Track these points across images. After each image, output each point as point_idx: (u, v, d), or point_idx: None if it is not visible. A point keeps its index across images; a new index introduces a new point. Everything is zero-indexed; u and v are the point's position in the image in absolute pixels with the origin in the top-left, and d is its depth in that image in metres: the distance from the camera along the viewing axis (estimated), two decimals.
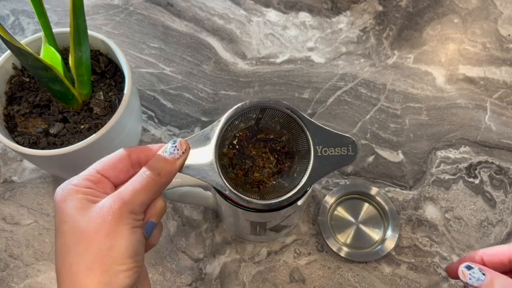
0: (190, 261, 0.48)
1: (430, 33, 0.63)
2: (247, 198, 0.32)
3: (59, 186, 0.29)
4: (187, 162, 0.31)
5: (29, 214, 0.50)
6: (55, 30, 0.44)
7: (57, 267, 0.27)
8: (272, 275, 0.47)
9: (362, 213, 0.50)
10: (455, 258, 0.48)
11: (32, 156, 0.41)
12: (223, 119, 0.33)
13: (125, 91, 0.44)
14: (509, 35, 0.62)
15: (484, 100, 0.58)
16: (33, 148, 0.42)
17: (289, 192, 0.32)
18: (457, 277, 0.30)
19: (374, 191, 0.50)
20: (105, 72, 0.48)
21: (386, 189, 0.51)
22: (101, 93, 0.46)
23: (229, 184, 0.32)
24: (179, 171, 0.31)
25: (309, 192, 0.39)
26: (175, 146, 0.31)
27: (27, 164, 0.53)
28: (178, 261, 0.48)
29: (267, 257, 0.48)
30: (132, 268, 0.27)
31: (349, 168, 0.53)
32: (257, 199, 0.33)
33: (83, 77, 0.44)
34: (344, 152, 0.33)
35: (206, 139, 0.32)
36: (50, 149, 0.42)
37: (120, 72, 0.48)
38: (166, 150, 0.31)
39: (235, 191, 0.32)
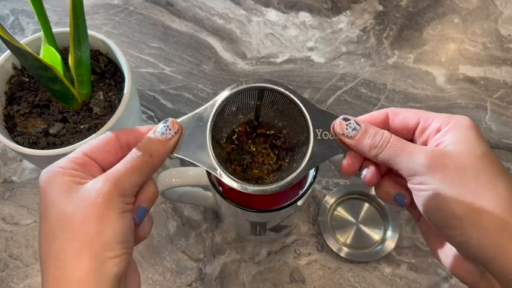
0: (190, 262, 0.48)
1: (430, 33, 0.63)
2: (241, 182, 0.30)
3: (44, 170, 0.27)
4: (179, 143, 0.30)
5: (29, 214, 0.50)
6: (55, 30, 0.44)
7: (42, 255, 0.25)
8: (272, 275, 0.47)
9: (362, 213, 0.50)
10: None
11: (32, 156, 0.41)
12: (218, 99, 0.31)
13: (125, 91, 0.44)
14: (509, 35, 0.62)
15: (484, 100, 0.58)
16: (32, 148, 0.42)
17: (288, 177, 0.30)
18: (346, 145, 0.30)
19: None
20: (105, 72, 0.48)
21: None
22: (101, 93, 0.46)
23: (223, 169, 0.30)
24: (171, 153, 0.30)
25: (309, 192, 0.39)
26: (167, 126, 0.29)
27: (26, 164, 0.53)
28: (178, 261, 0.48)
29: (267, 257, 0.48)
30: (121, 255, 0.26)
31: None
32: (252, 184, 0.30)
33: (82, 76, 0.43)
34: None
35: (200, 120, 0.31)
36: (50, 149, 0.42)
37: (120, 72, 0.48)
38: (157, 130, 0.29)
39: (228, 174, 0.30)
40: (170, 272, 0.47)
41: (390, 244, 0.48)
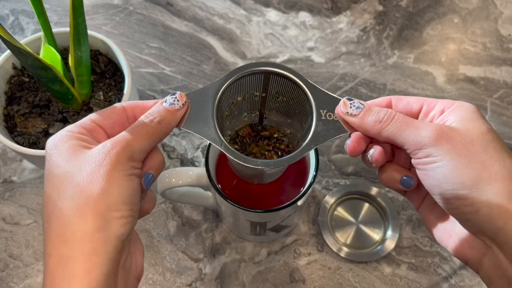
0: (190, 262, 0.48)
1: (430, 33, 0.63)
2: (245, 156, 0.30)
3: (51, 137, 0.27)
4: (186, 117, 0.30)
5: (29, 214, 0.50)
6: (55, 30, 0.44)
7: (45, 214, 0.25)
8: (272, 275, 0.47)
9: (362, 213, 0.50)
10: (455, 258, 0.48)
11: (32, 156, 0.41)
12: (226, 77, 0.31)
13: (125, 91, 0.44)
14: (509, 35, 0.62)
15: (484, 100, 0.58)
16: (32, 148, 0.42)
17: (291, 154, 0.30)
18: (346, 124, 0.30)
19: (374, 191, 0.50)
20: (105, 72, 0.48)
21: (386, 189, 0.51)
22: (101, 93, 0.46)
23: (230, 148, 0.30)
24: (177, 126, 0.30)
25: (309, 192, 0.39)
26: (175, 97, 0.30)
27: (26, 164, 0.53)
28: (178, 261, 0.48)
29: (267, 257, 0.48)
30: (127, 216, 0.25)
31: (350, 168, 0.53)
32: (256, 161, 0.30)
33: (82, 76, 0.43)
34: None
35: (206, 95, 0.31)
36: None
37: (120, 72, 0.48)
38: (166, 101, 0.29)
39: (232, 148, 0.30)
40: (170, 272, 0.47)
41: (390, 244, 0.48)
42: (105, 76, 0.48)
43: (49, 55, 0.42)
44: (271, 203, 0.40)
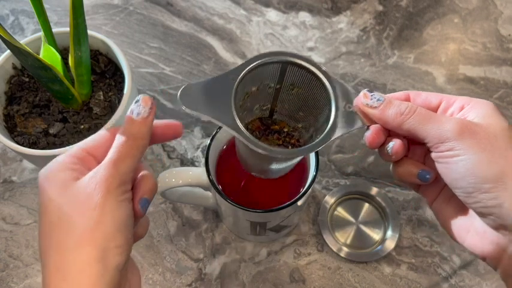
0: (190, 262, 0.48)
1: (430, 33, 0.63)
2: (263, 144, 0.28)
3: (43, 167, 0.27)
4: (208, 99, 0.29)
5: (29, 214, 0.50)
6: (55, 30, 0.44)
7: (42, 249, 0.25)
8: (272, 275, 0.47)
9: (362, 213, 0.50)
10: (455, 258, 0.48)
11: (32, 156, 0.41)
12: (244, 64, 0.30)
13: (125, 91, 0.44)
14: (509, 35, 0.62)
15: None
16: (32, 148, 0.42)
17: (311, 143, 0.30)
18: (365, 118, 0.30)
19: (374, 191, 0.50)
20: (105, 72, 0.48)
21: (386, 189, 0.51)
22: (101, 93, 0.46)
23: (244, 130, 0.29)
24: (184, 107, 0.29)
25: (309, 192, 0.39)
26: (140, 104, 0.29)
27: (26, 164, 0.53)
28: (178, 261, 0.48)
29: (267, 257, 0.48)
30: (123, 245, 0.26)
31: (349, 168, 0.53)
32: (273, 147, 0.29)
33: (82, 76, 0.44)
34: None
35: (222, 82, 0.30)
36: (50, 149, 0.42)
37: (120, 72, 0.48)
38: (133, 111, 0.28)
39: (249, 134, 0.29)
40: (170, 272, 0.47)
41: (390, 244, 0.48)
42: (105, 76, 0.48)
43: (49, 55, 0.42)
44: (271, 203, 0.41)
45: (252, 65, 0.30)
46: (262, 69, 0.31)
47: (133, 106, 0.29)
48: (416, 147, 0.30)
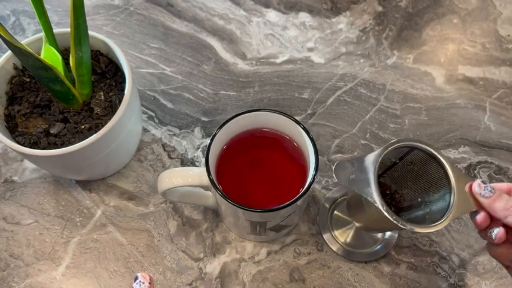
0: (191, 261, 0.48)
1: (429, 33, 0.63)
2: (406, 224, 0.34)
3: None
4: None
5: (30, 214, 0.50)
6: (56, 30, 0.44)
7: None
8: (272, 274, 0.47)
9: None
10: (454, 258, 0.48)
11: (33, 156, 0.41)
12: (383, 149, 0.36)
13: (126, 91, 0.44)
14: (508, 35, 0.63)
15: (483, 100, 0.58)
16: (33, 148, 0.42)
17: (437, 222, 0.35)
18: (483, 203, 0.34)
19: None
20: (106, 73, 0.48)
21: None
22: (102, 93, 0.46)
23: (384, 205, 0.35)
24: None
25: (308, 192, 0.39)
26: (140, 281, 0.31)
27: (27, 164, 0.53)
28: (178, 261, 0.48)
29: (267, 256, 0.48)
30: None
31: None
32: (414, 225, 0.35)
33: (83, 77, 0.44)
34: None
35: (365, 162, 0.36)
36: (51, 149, 0.42)
37: (120, 73, 0.48)
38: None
39: (392, 212, 0.34)
40: (170, 271, 0.47)
41: (390, 244, 0.48)
42: (105, 76, 0.48)
43: (50, 55, 0.42)
44: (271, 203, 0.41)
45: (387, 150, 0.36)
46: (395, 151, 0.37)
47: (135, 284, 0.32)
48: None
